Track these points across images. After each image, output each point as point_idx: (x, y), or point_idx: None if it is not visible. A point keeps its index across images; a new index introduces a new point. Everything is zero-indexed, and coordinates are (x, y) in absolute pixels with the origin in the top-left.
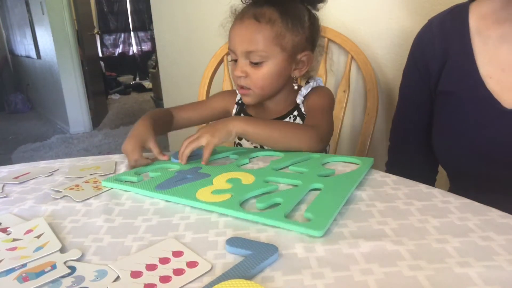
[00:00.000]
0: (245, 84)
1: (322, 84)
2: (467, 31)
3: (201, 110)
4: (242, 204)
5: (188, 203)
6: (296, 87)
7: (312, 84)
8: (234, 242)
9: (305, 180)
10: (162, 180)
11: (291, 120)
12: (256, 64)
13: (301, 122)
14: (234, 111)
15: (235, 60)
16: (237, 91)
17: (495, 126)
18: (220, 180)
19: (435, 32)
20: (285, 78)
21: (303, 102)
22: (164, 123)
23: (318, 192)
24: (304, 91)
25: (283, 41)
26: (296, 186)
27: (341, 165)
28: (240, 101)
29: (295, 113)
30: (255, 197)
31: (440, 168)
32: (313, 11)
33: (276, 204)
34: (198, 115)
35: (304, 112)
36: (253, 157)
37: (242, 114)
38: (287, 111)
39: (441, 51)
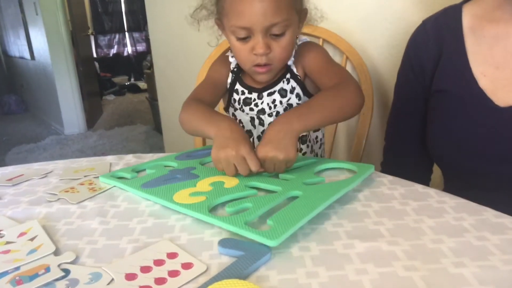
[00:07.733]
0: (267, 61)
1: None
2: (460, 31)
3: (209, 90)
4: (215, 208)
5: (163, 203)
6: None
7: (297, 41)
8: (227, 243)
9: (286, 187)
10: (151, 178)
11: (285, 83)
12: (277, 36)
13: (295, 84)
14: (229, 79)
15: (244, 38)
16: (254, 70)
17: (488, 123)
18: (204, 183)
19: (429, 32)
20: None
21: (294, 63)
22: None
23: (294, 200)
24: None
25: (296, 2)
26: (275, 193)
27: (338, 171)
28: (235, 69)
29: (288, 75)
30: (230, 201)
31: (435, 168)
32: None
33: (246, 209)
34: (211, 96)
35: (297, 73)
36: None
37: (237, 83)
38: (280, 75)
39: (435, 51)
